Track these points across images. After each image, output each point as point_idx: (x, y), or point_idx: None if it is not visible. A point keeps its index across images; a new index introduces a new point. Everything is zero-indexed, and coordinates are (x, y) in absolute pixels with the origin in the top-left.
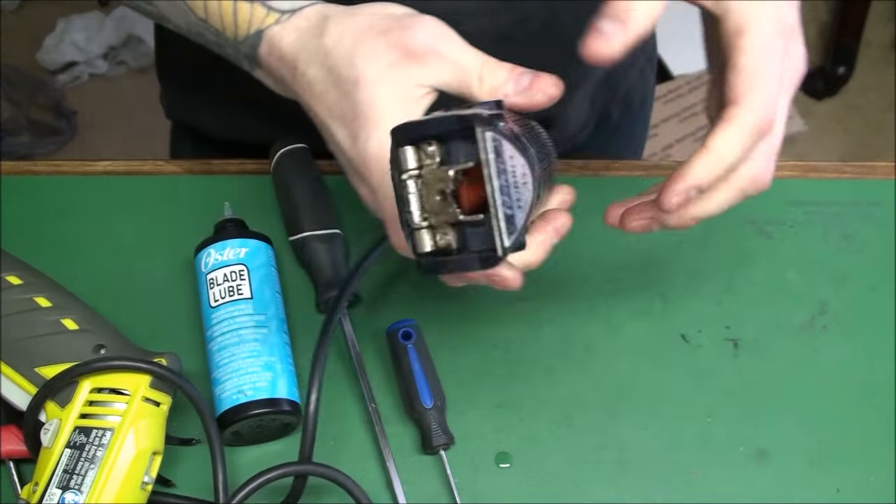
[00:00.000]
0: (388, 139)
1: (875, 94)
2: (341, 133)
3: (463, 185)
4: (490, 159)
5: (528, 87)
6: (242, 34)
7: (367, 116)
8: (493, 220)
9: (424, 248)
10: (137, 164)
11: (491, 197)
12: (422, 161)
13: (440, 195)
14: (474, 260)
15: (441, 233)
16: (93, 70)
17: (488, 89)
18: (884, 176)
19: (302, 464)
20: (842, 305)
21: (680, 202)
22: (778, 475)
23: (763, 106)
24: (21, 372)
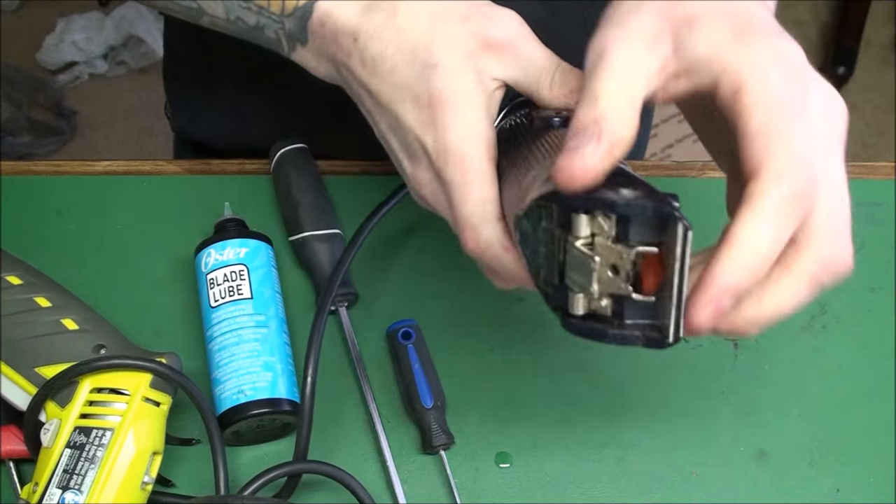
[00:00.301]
0: (470, 130)
1: (875, 94)
2: (412, 115)
3: (644, 266)
4: (683, 253)
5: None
6: (291, 6)
7: (446, 104)
8: (671, 310)
9: (578, 311)
10: (137, 164)
11: (676, 288)
12: (593, 230)
13: (611, 269)
14: (638, 338)
15: (594, 301)
16: (93, 70)
17: (558, 94)
18: (884, 176)
19: (309, 462)
20: (842, 305)
21: (713, 317)
22: (778, 475)
23: (791, 168)
24: (21, 372)
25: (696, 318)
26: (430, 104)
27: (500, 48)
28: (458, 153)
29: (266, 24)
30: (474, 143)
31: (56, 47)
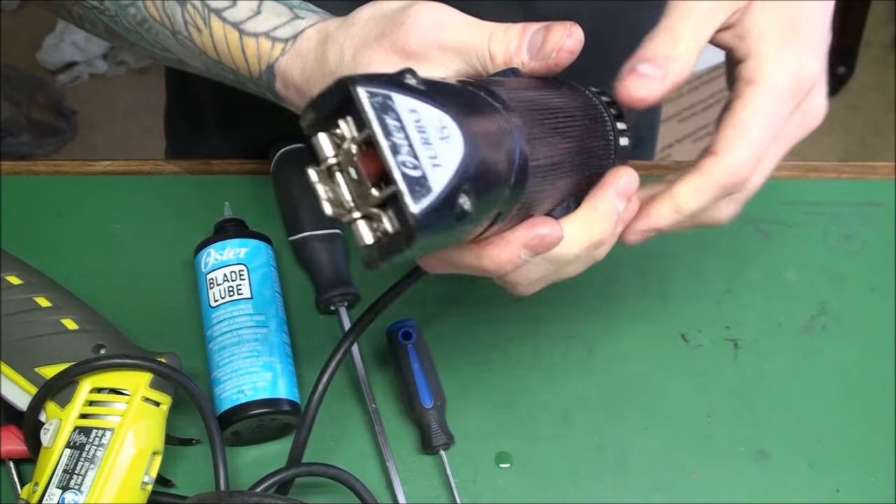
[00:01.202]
0: None
1: (875, 94)
2: None
3: (364, 157)
4: (370, 115)
5: (541, 47)
6: (256, 72)
7: None
8: (395, 187)
9: (365, 240)
10: (137, 164)
11: (383, 159)
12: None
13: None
14: (400, 240)
15: (377, 220)
16: (93, 70)
17: (501, 62)
18: (884, 176)
19: (316, 465)
20: (842, 305)
21: (639, 240)
22: (778, 475)
23: (741, 164)
24: (21, 372)
25: (629, 239)
26: None
27: (422, 53)
28: None
29: (244, 80)
30: None
31: (56, 47)
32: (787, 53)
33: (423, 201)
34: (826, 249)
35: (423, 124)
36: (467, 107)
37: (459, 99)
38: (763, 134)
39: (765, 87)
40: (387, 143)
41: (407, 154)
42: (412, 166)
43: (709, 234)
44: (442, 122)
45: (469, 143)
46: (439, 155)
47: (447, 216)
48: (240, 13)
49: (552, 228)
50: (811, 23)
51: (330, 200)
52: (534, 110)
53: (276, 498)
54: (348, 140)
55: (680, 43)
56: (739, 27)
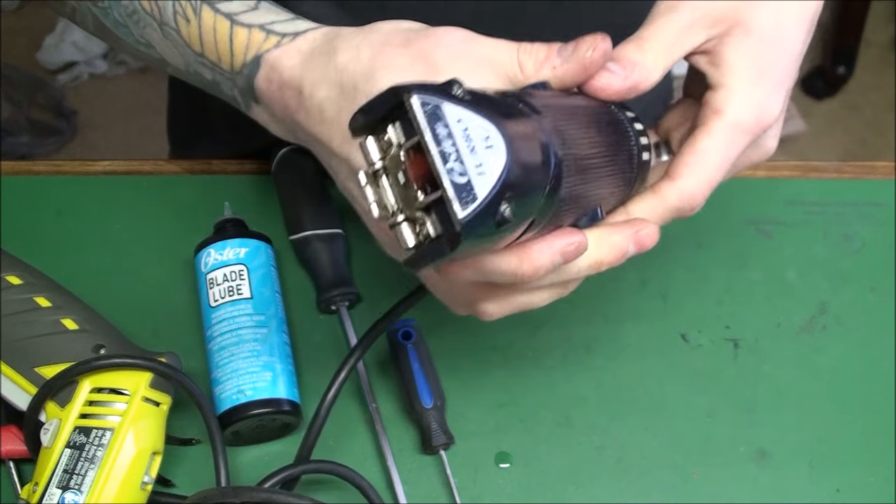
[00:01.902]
0: None
1: (875, 94)
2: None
3: (412, 163)
4: (422, 123)
5: (574, 50)
6: (239, 62)
7: None
8: (443, 193)
9: (408, 243)
10: (137, 164)
11: (433, 166)
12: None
13: (402, 182)
14: (443, 244)
15: (420, 223)
16: (93, 70)
17: (532, 72)
18: (884, 176)
19: (325, 462)
20: (842, 305)
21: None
22: (778, 475)
23: (695, 191)
24: (21, 372)
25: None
26: None
27: (449, 66)
28: None
29: (220, 80)
30: None
31: (56, 47)
32: (755, 91)
33: (469, 207)
34: (826, 249)
35: (469, 133)
36: (509, 116)
37: (501, 108)
38: (720, 165)
39: (729, 120)
40: (437, 149)
41: (455, 161)
42: (459, 173)
43: (709, 234)
44: (487, 132)
45: (511, 152)
46: (484, 163)
47: (489, 222)
48: (235, 6)
49: (581, 238)
50: (784, 62)
51: (377, 202)
52: (566, 119)
53: (282, 494)
54: (396, 146)
55: (648, 55)
56: (715, 56)
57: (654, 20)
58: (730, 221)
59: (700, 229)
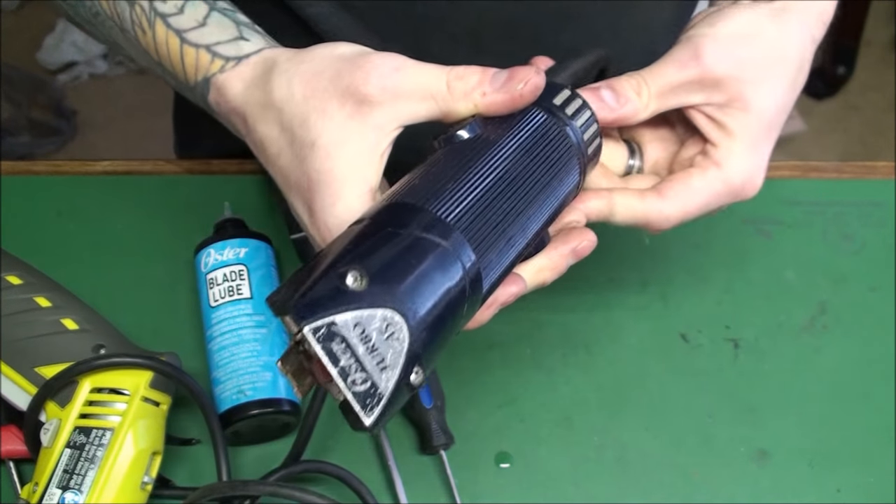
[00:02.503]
0: (349, 210)
1: (875, 94)
2: (298, 203)
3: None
4: (318, 350)
5: (506, 80)
6: (192, 81)
7: (324, 186)
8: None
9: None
10: (137, 164)
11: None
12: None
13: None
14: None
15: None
16: (93, 70)
17: (460, 96)
18: (884, 176)
19: (323, 463)
20: (842, 305)
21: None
22: (778, 475)
23: (670, 216)
24: (21, 372)
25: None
26: (309, 188)
27: (378, 99)
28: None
29: (183, 87)
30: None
31: (56, 47)
32: (749, 161)
33: (374, 411)
34: (826, 249)
35: (367, 333)
36: (406, 270)
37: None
38: (699, 207)
39: (724, 176)
40: (335, 370)
41: (355, 373)
42: (361, 381)
43: (709, 234)
44: (385, 320)
45: (413, 327)
46: (386, 356)
47: (400, 398)
48: (185, 22)
49: (520, 287)
50: (772, 139)
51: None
52: (486, 208)
53: (289, 487)
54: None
55: (643, 96)
56: (719, 120)
57: (663, 65)
58: (729, 221)
59: (699, 229)
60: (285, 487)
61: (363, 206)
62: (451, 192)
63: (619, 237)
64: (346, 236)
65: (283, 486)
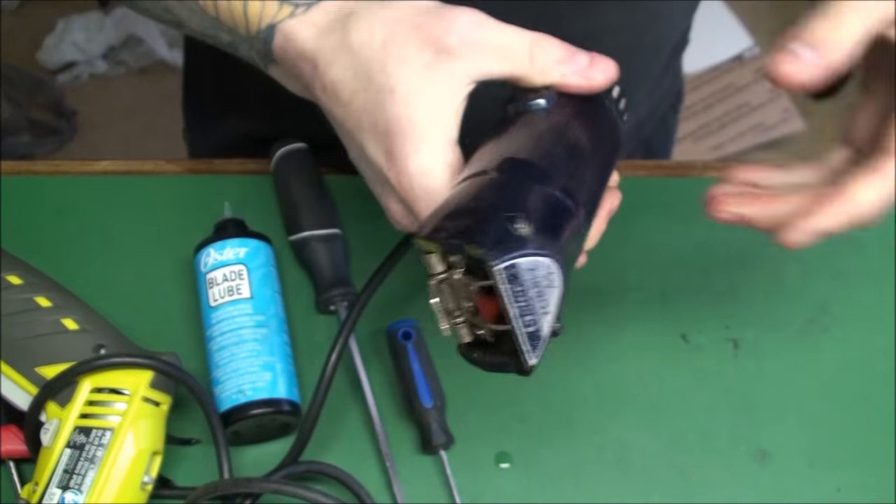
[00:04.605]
0: (431, 159)
1: None
2: (372, 146)
3: (483, 300)
4: (504, 293)
5: (587, 67)
6: (254, 30)
7: (405, 132)
8: (516, 343)
9: (463, 339)
10: (137, 164)
11: (511, 323)
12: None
13: (468, 301)
14: (509, 364)
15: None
16: (93, 70)
17: (541, 68)
18: None
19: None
20: (842, 305)
21: (805, 243)
22: (778, 475)
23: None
24: (21, 372)
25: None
26: (388, 133)
27: (458, 49)
28: (422, 186)
29: (238, 42)
30: (437, 173)
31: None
32: None
33: (537, 353)
34: (826, 249)
35: (538, 279)
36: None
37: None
38: None
39: None
40: (515, 310)
41: (528, 315)
42: (530, 323)
43: (709, 233)
44: (549, 269)
45: (565, 279)
46: (549, 302)
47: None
48: None
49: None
50: None
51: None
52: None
53: (293, 485)
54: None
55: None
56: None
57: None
58: None
59: (700, 229)
60: (289, 485)
61: (445, 156)
62: (559, 157)
63: (618, 237)
64: (483, 186)
65: (286, 484)
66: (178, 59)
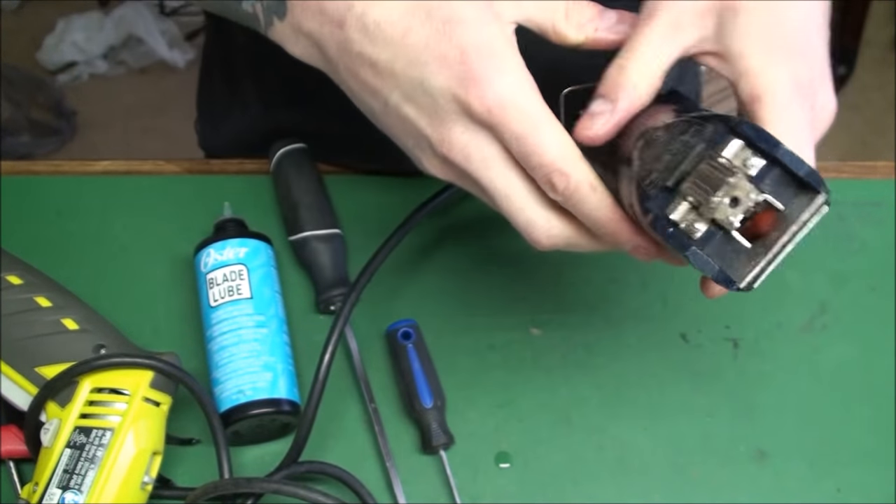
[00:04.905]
0: (518, 78)
1: (875, 94)
2: (441, 75)
3: (760, 215)
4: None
5: (618, 21)
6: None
7: (484, 57)
8: (759, 263)
9: (674, 215)
10: (137, 164)
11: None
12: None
13: (731, 200)
14: (713, 268)
15: (693, 216)
16: (93, 70)
17: (576, 24)
18: (884, 176)
19: (323, 464)
20: (842, 305)
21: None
22: (778, 475)
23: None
24: (21, 372)
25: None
26: (464, 60)
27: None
28: (516, 104)
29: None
30: (527, 91)
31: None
32: (774, 61)
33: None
34: (826, 249)
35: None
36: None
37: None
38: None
39: (772, 99)
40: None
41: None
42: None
43: None
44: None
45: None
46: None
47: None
48: None
49: None
50: (792, 31)
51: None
52: None
53: (294, 485)
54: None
55: (631, 72)
56: (720, 48)
57: (635, 31)
58: None
59: None
60: (289, 485)
61: (528, 76)
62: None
63: None
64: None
65: (287, 484)
66: (179, 59)
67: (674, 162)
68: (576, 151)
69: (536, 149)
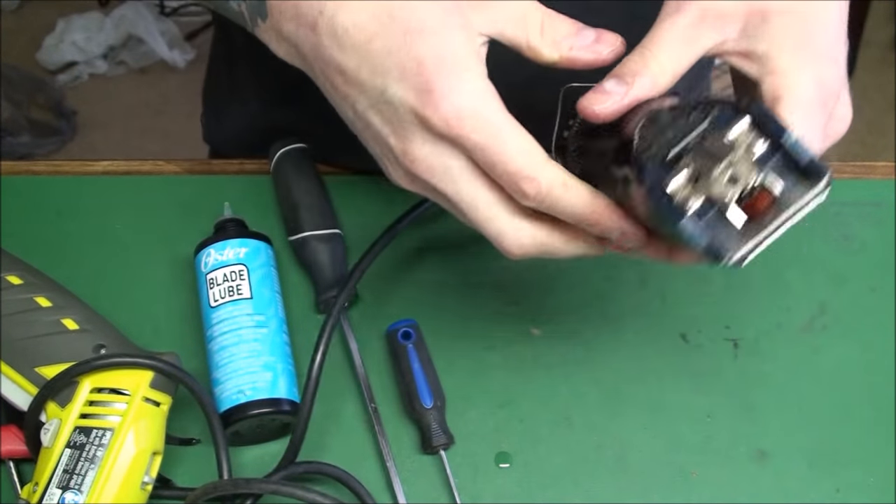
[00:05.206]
0: (478, 89)
1: (875, 94)
2: (400, 86)
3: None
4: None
5: (595, 41)
6: None
7: (443, 68)
8: (750, 241)
9: (670, 187)
10: (137, 164)
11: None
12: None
13: (730, 177)
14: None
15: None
16: (93, 70)
17: (550, 41)
18: (884, 176)
19: (322, 464)
20: (842, 305)
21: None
22: (778, 475)
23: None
24: (21, 372)
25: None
26: (422, 72)
27: (477, 5)
28: (475, 115)
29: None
30: (487, 100)
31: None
32: (802, 64)
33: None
34: (826, 249)
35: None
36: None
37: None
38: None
39: (794, 101)
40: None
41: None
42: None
43: None
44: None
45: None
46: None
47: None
48: None
49: None
50: (823, 36)
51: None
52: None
53: (293, 486)
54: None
55: (652, 62)
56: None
57: (658, 24)
58: None
59: None
60: (288, 486)
61: (488, 89)
62: None
63: None
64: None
65: (286, 485)
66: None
67: (677, 138)
68: (542, 154)
69: (501, 157)
